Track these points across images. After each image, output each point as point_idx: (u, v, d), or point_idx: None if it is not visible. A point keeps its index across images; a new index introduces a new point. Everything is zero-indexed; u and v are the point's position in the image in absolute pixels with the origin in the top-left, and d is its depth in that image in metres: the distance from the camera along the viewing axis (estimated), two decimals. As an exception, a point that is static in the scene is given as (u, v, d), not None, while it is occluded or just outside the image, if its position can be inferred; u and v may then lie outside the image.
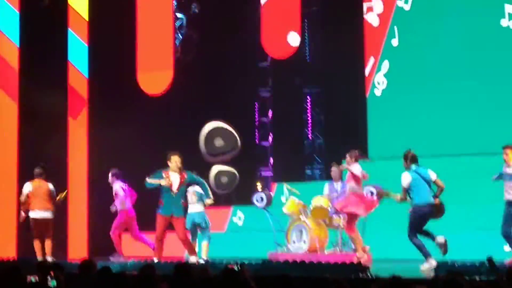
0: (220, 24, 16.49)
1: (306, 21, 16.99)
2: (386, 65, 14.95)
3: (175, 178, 11.72)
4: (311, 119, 17.29)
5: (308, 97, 17.31)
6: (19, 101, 15.32)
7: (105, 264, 7.33)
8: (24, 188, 12.93)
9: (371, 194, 11.69)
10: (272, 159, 17.60)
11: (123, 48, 15.93)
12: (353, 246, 11.67)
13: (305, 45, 17.15)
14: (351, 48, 15.40)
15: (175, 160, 11.74)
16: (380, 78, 15.01)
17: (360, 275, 9.45)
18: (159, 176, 11.75)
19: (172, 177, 11.72)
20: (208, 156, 16.17)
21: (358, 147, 14.55)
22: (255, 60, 17.61)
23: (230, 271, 6.23)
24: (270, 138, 17.61)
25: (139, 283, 6.41)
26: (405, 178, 10.94)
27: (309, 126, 17.29)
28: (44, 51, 15.49)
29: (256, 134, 17.73)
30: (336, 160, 13.12)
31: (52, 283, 7.41)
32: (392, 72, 14.89)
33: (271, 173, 17.50)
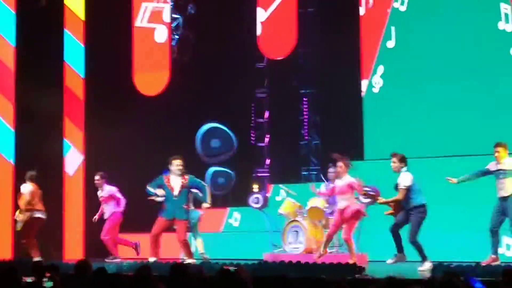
0: (217, 25, 16.48)
1: (302, 22, 16.99)
2: (382, 66, 14.95)
3: (176, 181, 11.70)
4: (307, 120, 17.27)
5: (305, 98, 17.28)
6: (15, 101, 15.29)
7: (101, 265, 7.32)
8: (26, 188, 13.03)
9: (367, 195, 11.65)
10: (268, 160, 17.59)
11: (119, 48, 15.92)
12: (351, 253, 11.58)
13: (301, 46, 17.14)
14: (347, 49, 15.40)
15: (176, 164, 11.74)
16: (376, 79, 15.01)
17: (356, 276, 9.47)
18: (160, 182, 11.76)
19: (173, 181, 11.71)
20: (204, 157, 16.21)
21: (352, 148, 14.63)
22: (251, 61, 17.60)
23: (226, 271, 6.23)
24: (266, 139, 17.60)
25: (135, 284, 6.40)
26: (407, 178, 10.92)
27: (305, 127, 17.27)
28: (40, 52, 15.47)
29: (252, 135, 17.72)
30: (333, 161, 13.12)
31: (48, 284, 7.41)
32: (388, 73, 14.89)
33: (267, 174, 17.49)
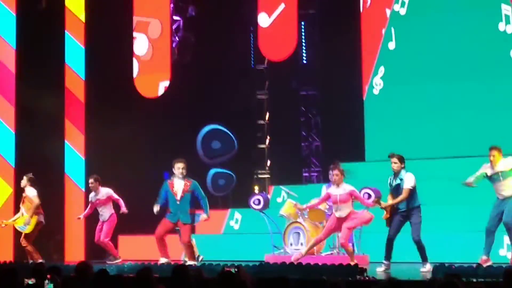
0: (217, 27, 16.49)
1: (303, 23, 17.01)
2: (382, 67, 14.95)
3: (179, 186, 11.72)
4: (308, 122, 17.28)
5: (305, 99, 17.30)
6: (16, 103, 15.29)
7: (102, 267, 7.32)
8: (33, 192, 13.11)
9: (368, 196, 11.65)
10: (269, 161, 17.59)
11: (120, 50, 15.92)
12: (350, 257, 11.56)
13: (302, 47, 17.16)
14: (347, 50, 15.40)
15: (178, 167, 11.76)
16: (377, 81, 15.01)
17: (357, 277, 9.47)
18: (165, 188, 11.81)
19: (177, 185, 11.72)
20: (205, 159, 16.21)
21: (353, 150, 14.65)
22: (252, 62, 17.62)
23: (228, 273, 6.23)
24: (267, 140, 17.60)
25: (136, 286, 6.40)
26: (411, 178, 10.94)
27: (306, 129, 17.28)
28: (41, 54, 15.47)
29: (253, 136, 17.71)
30: (334, 162, 13.12)
31: (49, 286, 7.41)
32: (389, 74, 14.90)
33: (268, 175, 17.49)
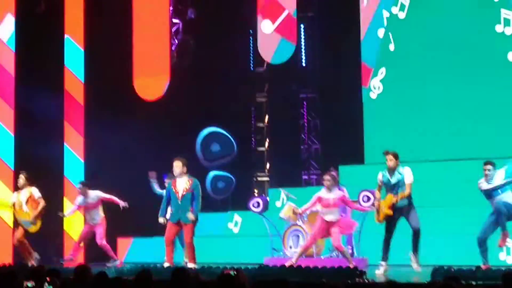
0: (216, 30, 16.50)
1: (302, 26, 17.03)
2: (382, 70, 14.96)
3: (181, 185, 11.65)
4: (307, 124, 17.29)
5: (304, 102, 17.32)
6: (16, 106, 15.29)
7: (101, 270, 7.32)
8: (39, 193, 13.12)
9: (368, 199, 11.65)
10: (268, 164, 17.60)
11: (119, 53, 15.92)
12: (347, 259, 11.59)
13: (301, 50, 17.18)
14: (347, 53, 15.42)
15: (175, 165, 11.70)
16: (376, 83, 15.02)
17: (356, 279, 9.47)
18: (168, 188, 11.83)
19: (179, 184, 11.65)
20: (205, 161, 16.23)
21: (352, 152, 14.65)
22: (251, 65, 17.64)
23: (226, 276, 6.23)
24: (267, 143, 17.61)
25: (136, 288, 6.40)
26: (411, 174, 10.94)
27: (305, 131, 17.30)
28: (40, 56, 15.47)
29: (253, 139, 17.74)
30: (333, 165, 13.14)
31: (48, 289, 7.40)
32: (389, 76, 14.90)
33: (268, 178, 17.51)
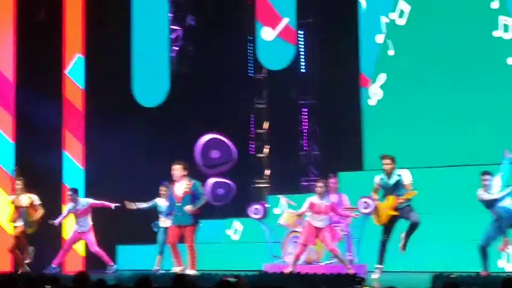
0: (216, 36, 16.52)
1: (301, 32, 17.05)
2: (381, 76, 14.97)
3: (180, 188, 11.72)
4: (306, 131, 17.30)
5: (304, 108, 17.33)
6: (15, 113, 15.30)
7: (100, 277, 7.31)
8: (38, 200, 13.13)
9: (367, 206, 11.62)
10: (268, 171, 17.60)
11: (119, 59, 15.92)
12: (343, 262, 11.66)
13: (300, 56, 17.20)
14: (346, 59, 15.44)
15: (175, 169, 11.79)
16: (376, 89, 15.03)
17: (355, 286, 9.46)
18: (169, 193, 11.89)
19: (178, 187, 11.74)
20: (204, 168, 16.20)
21: (351, 159, 14.65)
22: (251, 71, 17.66)
23: (226, 283, 6.22)
24: (266, 149, 17.62)
25: (135, 296, 6.39)
26: (409, 174, 10.94)
27: (304, 138, 17.31)
28: (40, 63, 15.49)
29: (252, 145, 17.75)
30: (332, 171, 13.13)
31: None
32: (388, 82, 14.92)
33: (267, 184, 17.51)
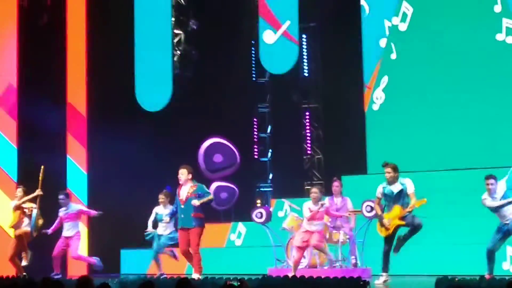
0: (219, 40, 16.52)
1: (304, 36, 17.05)
2: (384, 80, 14.97)
3: (184, 191, 11.77)
4: (310, 135, 17.29)
5: (307, 112, 17.33)
6: (18, 118, 15.31)
7: (103, 281, 7.30)
8: (38, 210, 13.18)
9: (371, 209, 11.62)
10: (271, 174, 17.59)
11: (122, 64, 15.93)
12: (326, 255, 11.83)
13: (303, 60, 17.19)
14: (349, 63, 15.44)
15: (181, 173, 11.84)
16: (379, 93, 15.02)
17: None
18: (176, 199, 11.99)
19: (183, 190, 11.79)
20: (207, 172, 16.21)
21: (355, 162, 14.65)
22: (254, 76, 17.66)
23: (230, 287, 6.22)
24: (269, 153, 17.61)
25: (139, 300, 6.38)
26: (412, 183, 10.90)
27: (308, 142, 17.29)
28: (43, 68, 15.50)
29: (255, 149, 17.74)
30: (336, 175, 13.13)
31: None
32: (391, 86, 14.90)
33: (271, 188, 17.50)
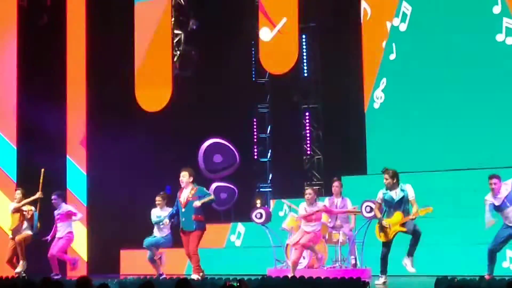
0: (218, 41, 16.52)
1: (304, 36, 17.05)
2: (384, 80, 14.96)
3: (185, 194, 11.77)
4: (309, 135, 17.28)
5: (307, 112, 17.32)
6: (18, 118, 15.31)
7: (103, 282, 7.31)
8: (37, 213, 13.24)
9: (370, 210, 11.62)
10: (271, 175, 17.59)
11: (122, 65, 15.93)
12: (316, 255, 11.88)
13: (302, 60, 17.19)
14: (348, 63, 15.43)
15: (182, 175, 11.85)
16: (378, 93, 15.02)
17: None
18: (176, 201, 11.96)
19: (184, 194, 11.79)
20: (207, 172, 16.21)
21: (355, 163, 14.65)
22: (253, 76, 17.66)
23: (229, 287, 6.22)
24: (269, 154, 17.61)
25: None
26: (412, 189, 10.90)
27: (307, 142, 17.28)
28: (42, 68, 15.51)
29: (255, 150, 17.74)
30: (335, 175, 13.13)
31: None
32: (390, 87, 14.90)
33: (270, 189, 17.50)
